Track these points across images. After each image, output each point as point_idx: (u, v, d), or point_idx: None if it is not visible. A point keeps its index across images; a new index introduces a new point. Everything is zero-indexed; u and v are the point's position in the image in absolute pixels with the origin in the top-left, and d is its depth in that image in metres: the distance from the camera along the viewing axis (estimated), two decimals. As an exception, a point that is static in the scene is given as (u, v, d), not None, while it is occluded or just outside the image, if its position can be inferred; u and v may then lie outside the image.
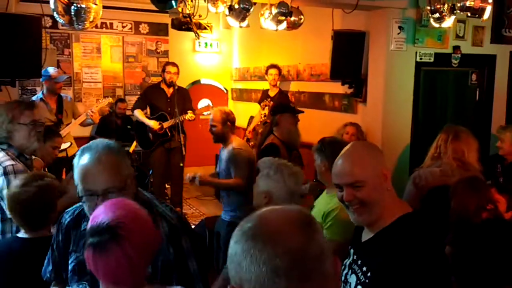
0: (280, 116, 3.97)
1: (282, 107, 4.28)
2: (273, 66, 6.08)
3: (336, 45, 4.73)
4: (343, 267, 1.70)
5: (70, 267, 1.66)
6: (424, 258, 1.49)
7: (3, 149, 2.51)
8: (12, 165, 2.43)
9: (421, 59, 4.69)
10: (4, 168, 2.40)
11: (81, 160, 1.56)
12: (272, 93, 6.07)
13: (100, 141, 1.62)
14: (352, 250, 1.72)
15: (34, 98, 5.23)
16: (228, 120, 3.81)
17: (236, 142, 3.82)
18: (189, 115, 5.57)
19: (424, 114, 4.85)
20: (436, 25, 4.15)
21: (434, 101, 4.95)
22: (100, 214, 1.30)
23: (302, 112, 4.16)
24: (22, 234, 2.12)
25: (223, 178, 3.82)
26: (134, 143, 6.16)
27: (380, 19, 4.57)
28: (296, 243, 0.92)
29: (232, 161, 3.71)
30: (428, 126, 4.73)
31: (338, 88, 5.26)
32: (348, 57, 4.79)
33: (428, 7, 4.04)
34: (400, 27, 4.52)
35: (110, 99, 5.97)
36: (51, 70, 5.09)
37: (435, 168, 3.06)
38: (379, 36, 4.63)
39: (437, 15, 4.04)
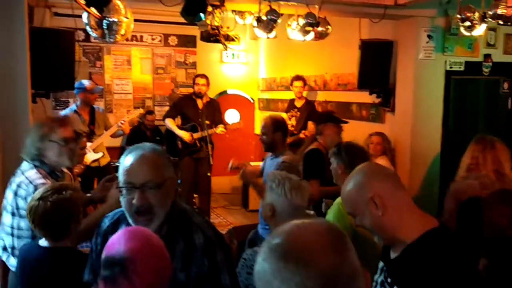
0: (324, 126, 3.90)
1: (326, 117, 4.17)
2: (298, 78, 6.06)
3: (363, 54, 4.72)
4: (374, 283, 1.67)
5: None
6: (454, 275, 1.44)
7: (35, 166, 2.50)
8: (43, 183, 2.40)
9: (451, 68, 4.62)
10: (35, 186, 2.39)
11: (127, 158, 1.62)
12: (298, 104, 6.07)
13: (148, 144, 1.68)
14: (382, 267, 1.67)
15: (68, 110, 5.38)
16: (280, 128, 3.65)
17: (287, 155, 3.64)
18: (220, 129, 5.62)
19: (454, 124, 4.77)
20: (467, 34, 4.09)
21: (465, 110, 4.86)
22: (115, 243, 1.30)
23: (346, 122, 4.06)
24: (43, 241, 2.15)
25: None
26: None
27: (409, 28, 4.54)
28: (328, 264, 0.89)
29: None
30: (459, 136, 4.64)
31: (365, 97, 5.23)
32: (376, 67, 4.77)
33: (458, 16, 3.99)
34: (429, 36, 4.47)
35: (140, 110, 6.08)
36: (86, 82, 5.24)
37: (472, 180, 2.96)
38: (408, 45, 4.59)
39: (467, 23, 3.98)
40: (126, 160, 1.62)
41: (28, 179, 2.44)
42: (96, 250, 1.82)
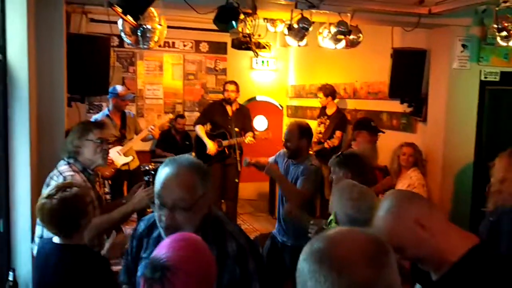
0: (358, 132, 3.88)
1: (361, 124, 4.13)
2: (320, 88, 6.05)
3: (395, 63, 4.67)
4: None
5: (138, 272, 1.74)
6: None
7: (68, 163, 2.68)
8: (71, 175, 2.60)
9: (485, 78, 4.53)
10: (64, 178, 2.58)
11: (163, 171, 1.64)
12: (329, 111, 6.01)
13: (186, 158, 1.69)
14: None
15: (100, 114, 5.52)
16: (306, 135, 3.59)
17: (314, 159, 3.61)
18: (249, 138, 5.65)
19: (488, 135, 4.66)
20: (504, 44, 4.00)
21: (499, 121, 4.74)
22: (164, 247, 1.33)
23: (382, 132, 3.98)
24: (56, 238, 2.21)
25: None
26: (192, 155, 6.32)
27: (443, 37, 4.47)
28: (362, 277, 0.89)
29: (306, 174, 3.47)
30: (492, 147, 4.50)
31: (396, 106, 5.16)
32: (408, 75, 4.71)
33: (495, 25, 3.90)
34: (463, 45, 4.39)
35: (170, 115, 6.17)
36: (119, 88, 5.36)
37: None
38: (441, 54, 4.52)
39: (504, 33, 3.89)
40: (162, 173, 1.64)
41: (59, 171, 2.64)
42: (131, 253, 1.86)
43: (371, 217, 2.09)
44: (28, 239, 3.09)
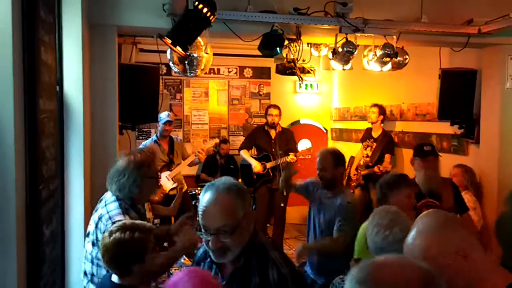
0: (412, 159, 3.65)
1: (414, 151, 3.79)
2: (375, 105, 5.97)
3: (444, 84, 4.56)
4: None
5: None
6: None
7: (118, 199, 2.54)
8: (120, 221, 2.43)
9: (541, 97, 4.33)
10: (113, 223, 2.42)
11: (204, 197, 1.68)
12: (375, 134, 5.92)
13: (223, 181, 1.71)
14: None
15: (149, 140, 5.70)
16: (341, 163, 3.44)
17: (348, 194, 3.45)
18: (291, 157, 5.65)
19: (547, 157, 4.43)
20: (559, 61, 3.83)
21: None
22: (176, 282, 1.39)
23: (435, 155, 3.73)
24: (114, 276, 2.19)
25: (326, 230, 3.39)
26: (239, 181, 6.36)
27: (494, 56, 4.34)
28: None
29: (344, 215, 3.27)
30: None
31: (446, 128, 5.02)
32: (458, 96, 4.58)
33: (549, 42, 3.76)
34: (516, 64, 4.24)
35: (216, 140, 6.26)
36: (163, 114, 5.50)
37: None
38: (493, 74, 4.38)
39: (559, 50, 3.73)
40: (202, 200, 1.67)
41: (109, 214, 2.52)
42: None
43: (399, 250, 1.99)
44: (81, 265, 3.17)
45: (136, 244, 2.13)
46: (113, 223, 2.44)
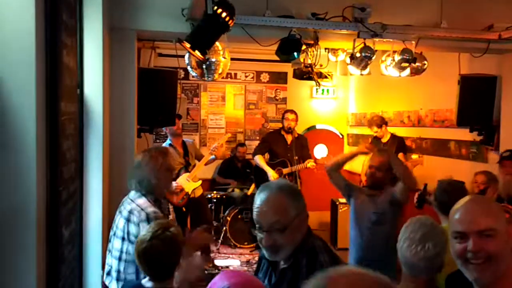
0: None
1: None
2: (371, 123, 6.05)
3: (463, 90, 4.51)
4: None
5: None
6: None
7: (143, 195, 2.63)
8: (154, 212, 2.56)
9: None
10: (147, 214, 2.53)
11: (258, 197, 1.76)
12: (384, 139, 5.97)
13: (276, 182, 1.83)
14: None
15: (164, 144, 5.74)
16: (391, 167, 3.50)
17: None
18: (311, 163, 5.62)
19: None
20: None
21: None
22: (217, 281, 1.41)
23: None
24: (146, 281, 2.17)
25: (381, 222, 3.47)
26: (253, 186, 6.36)
27: (514, 62, 4.27)
28: None
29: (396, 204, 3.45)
30: None
31: (465, 135, 4.95)
32: (477, 103, 4.52)
33: None
34: (537, 70, 4.17)
35: (228, 134, 6.27)
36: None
37: None
38: (514, 80, 4.31)
39: None
40: (256, 200, 1.75)
41: (139, 206, 2.59)
42: (255, 272, 1.96)
43: (431, 267, 1.93)
44: (98, 266, 3.20)
45: (178, 243, 2.15)
46: (147, 214, 2.53)
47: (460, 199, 2.68)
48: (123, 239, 2.60)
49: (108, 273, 2.67)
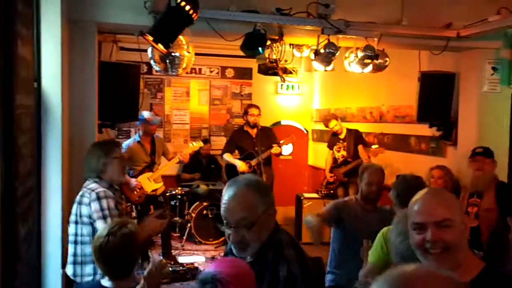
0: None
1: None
2: (328, 120, 6.20)
3: (423, 86, 4.62)
4: None
5: None
6: None
7: (95, 182, 2.76)
8: (104, 191, 2.68)
9: (517, 100, 4.42)
10: (97, 193, 2.66)
11: (225, 192, 1.74)
12: (342, 136, 6.19)
13: (244, 177, 1.80)
14: None
15: (131, 140, 5.62)
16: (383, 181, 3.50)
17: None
18: (275, 148, 5.63)
19: (522, 159, 4.52)
20: (535, 66, 3.93)
21: (533, 145, 4.61)
22: (213, 265, 1.43)
23: (488, 156, 3.78)
24: (105, 281, 2.13)
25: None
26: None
27: (472, 60, 4.42)
28: None
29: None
30: (527, 171, 4.39)
31: (425, 130, 5.09)
32: (437, 99, 4.65)
33: (526, 47, 3.85)
34: (493, 68, 4.33)
35: (200, 143, 6.18)
36: (146, 114, 5.46)
37: None
38: (471, 77, 4.46)
39: (536, 55, 3.82)
40: (224, 195, 1.73)
41: (90, 189, 2.71)
42: None
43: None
44: (58, 264, 3.11)
45: (137, 239, 2.14)
46: (97, 193, 2.64)
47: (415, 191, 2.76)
48: (76, 222, 2.68)
49: (73, 263, 2.72)
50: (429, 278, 0.90)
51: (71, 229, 2.72)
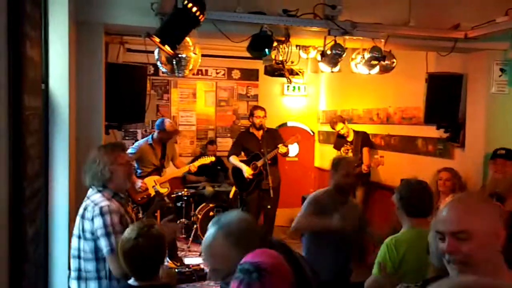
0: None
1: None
2: (335, 123, 6.24)
3: (430, 88, 4.60)
4: None
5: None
6: None
7: (99, 190, 2.60)
8: (108, 205, 2.52)
9: (526, 102, 4.40)
10: (100, 208, 2.50)
11: (206, 234, 1.66)
12: (350, 138, 6.21)
13: (227, 222, 1.64)
14: None
15: (143, 140, 5.63)
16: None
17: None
18: (280, 148, 5.62)
19: (531, 161, 4.48)
20: (543, 67, 3.90)
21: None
22: (252, 256, 1.40)
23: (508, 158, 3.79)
24: (132, 281, 2.14)
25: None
26: (233, 188, 6.32)
27: (480, 61, 4.39)
28: None
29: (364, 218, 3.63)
30: (536, 174, 4.35)
31: (432, 132, 5.06)
32: (444, 100, 4.63)
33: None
34: (501, 69, 4.30)
35: (212, 158, 6.21)
36: (168, 123, 5.49)
37: None
38: (479, 78, 4.43)
39: (544, 56, 3.79)
40: (205, 237, 1.65)
41: (93, 202, 2.56)
42: None
43: None
44: (65, 265, 3.12)
45: (164, 240, 2.14)
46: (100, 208, 2.49)
47: (423, 197, 2.72)
48: (79, 237, 2.56)
49: (78, 278, 2.61)
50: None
51: (74, 242, 2.60)
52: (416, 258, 2.41)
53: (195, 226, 6.32)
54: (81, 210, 2.60)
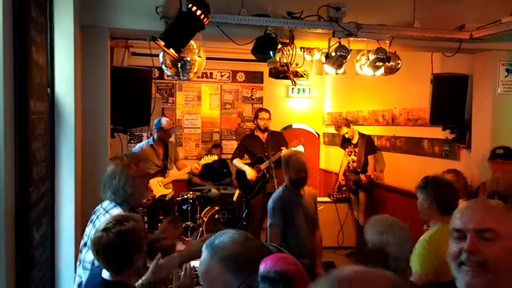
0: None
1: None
2: (339, 126, 6.24)
3: (436, 89, 4.58)
4: None
5: None
6: None
7: (118, 204, 2.52)
8: None
9: (532, 102, 4.37)
10: None
11: (201, 258, 1.59)
12: (354, 140, 6.19)
13: (222, 243, 1.55)
14: None
15: (144, 142, 5.64)
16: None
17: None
18: (284, 151, 5.61)
19: (538, 161, 4.45)
20: (550, 67, 3.87)
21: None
22: (272, 262, 1.37)
23: (508, 158, 3.77)
24: (105, 273, 2.14)
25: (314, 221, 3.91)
26: (237, 191, 6.32)
27: (485, 62, 4.37)
28: None
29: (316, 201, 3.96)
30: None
31: (438, 133, 5.04)
32: (450, 101, 4.61)
33: (540, 48, 3.80)
34: (507, 70, 4.28)
35: (215, 157, 6.20)
36: (164, 121, 5.48)
37: None
38: (485, 79, 4.41)
39: (550, 56, 3.77)
40: (200, 261, 1.59)
41: (108, 212, 2.49)
42: None
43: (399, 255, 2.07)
44: (71, 269, 3.13)
45: (136, 233, 2.10)
46: None
47: (455, 194, 2.68)
48: (85, 244, 2.50)
49: (79, 285, 2.57)
50: (366, 281, 0.85)
51: (90, 256, 2.44)
52: None
53: (200, 229, 6.32)
54: (93, 216, 2.55)
